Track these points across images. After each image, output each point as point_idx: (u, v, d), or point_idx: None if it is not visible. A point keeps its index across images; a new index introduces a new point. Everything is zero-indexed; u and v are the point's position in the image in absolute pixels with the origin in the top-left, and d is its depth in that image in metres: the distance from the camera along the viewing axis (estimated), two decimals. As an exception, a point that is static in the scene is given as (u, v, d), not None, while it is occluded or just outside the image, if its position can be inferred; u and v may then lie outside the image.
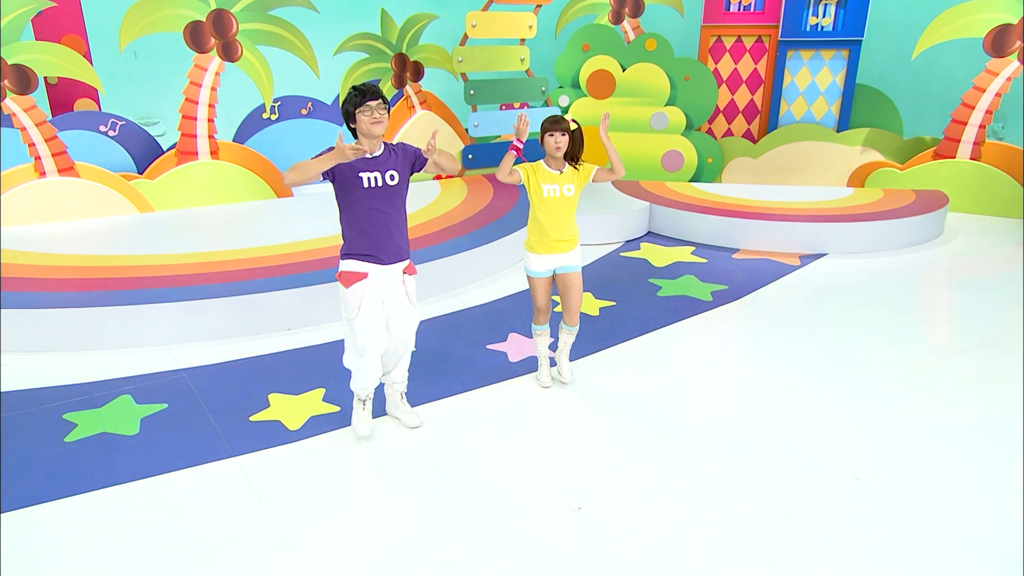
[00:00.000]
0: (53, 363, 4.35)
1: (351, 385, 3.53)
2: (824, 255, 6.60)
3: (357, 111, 3.14)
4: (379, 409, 3.80)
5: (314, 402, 3.92)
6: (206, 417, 3.76)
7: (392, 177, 3.25)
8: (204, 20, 7.27)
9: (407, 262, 3.43)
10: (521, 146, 3.74)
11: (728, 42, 9.03)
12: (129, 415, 3.76)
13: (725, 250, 6.74)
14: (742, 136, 9.21)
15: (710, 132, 9.24)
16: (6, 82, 6.40)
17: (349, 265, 3.30)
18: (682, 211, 7.08)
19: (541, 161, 3.85)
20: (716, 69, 9.10)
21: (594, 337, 4.81)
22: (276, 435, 3.62)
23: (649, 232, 7.32)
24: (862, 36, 8.46)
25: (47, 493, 3.12)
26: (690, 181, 8.85)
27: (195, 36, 7.29)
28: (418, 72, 8.82)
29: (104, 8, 7.80)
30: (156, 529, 2.91)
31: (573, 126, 3.78)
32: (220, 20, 7.35)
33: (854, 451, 3.46)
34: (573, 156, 3.85)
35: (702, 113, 8.86)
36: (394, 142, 3.38)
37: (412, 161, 3.34)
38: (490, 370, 4.34)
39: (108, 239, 6.17)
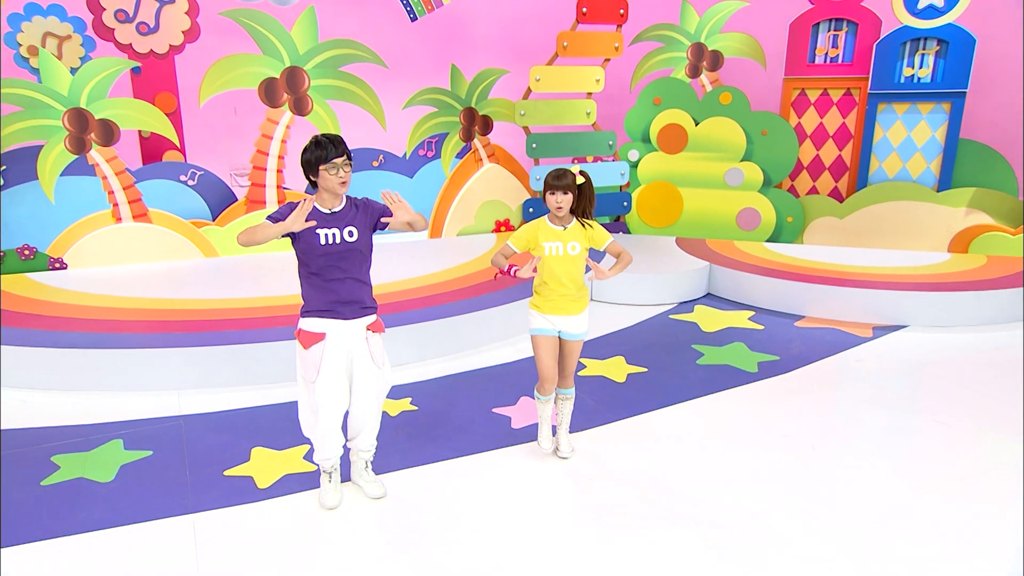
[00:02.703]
0: (64, 402, 4.47)
1: (314, 457, 3.35)
2: (904, 327, 5.87)
3: (322, 167, 3.04)
4: (346, 472, 3.59)
5: (294, 459, 3.77)
6: (183, 468, 3.69)
7: (351, 234, 3.09)
8: (278, 77, 7.62)
9: (373, 318, 3.24)
10: (511, 274, 3.53)
11: (813, 95, 8.48)
12: (112, 461, 3.75)
13: (788, 317, 6.14)
14: (828, 195, 8.55)
15: (792, 190, 8.64)
16: (93, 135, 6.91)
17: (308, 324, 3.14)
18: (742, 272, 6.55)
19: (545, 217, 3.60)
20: (799, 123, 8.55)
21: (613, 406, 4.42)
22: (243, 492, 3.48)
23: (708, 294, 6.83)
24: (966, 88, 7.70)
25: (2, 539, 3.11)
26: (767, 241, 8.27)
27: (269, 92, 7.64)
28: (487, 126, 8.84)
29: (197, 67, 8.36)
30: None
31: (580, 180, 3.50)
32: (293, 77, 7.68)
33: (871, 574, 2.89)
34: (583, 212, 3.57)
35: (781, 169, 8.30)
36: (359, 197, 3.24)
37: (375, 219, 3.18)
38: (488, 436, 4.05)
39: (165, 282, 6.42)
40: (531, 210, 8.56)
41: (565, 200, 3.46)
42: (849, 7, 8.10)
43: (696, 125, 8.41)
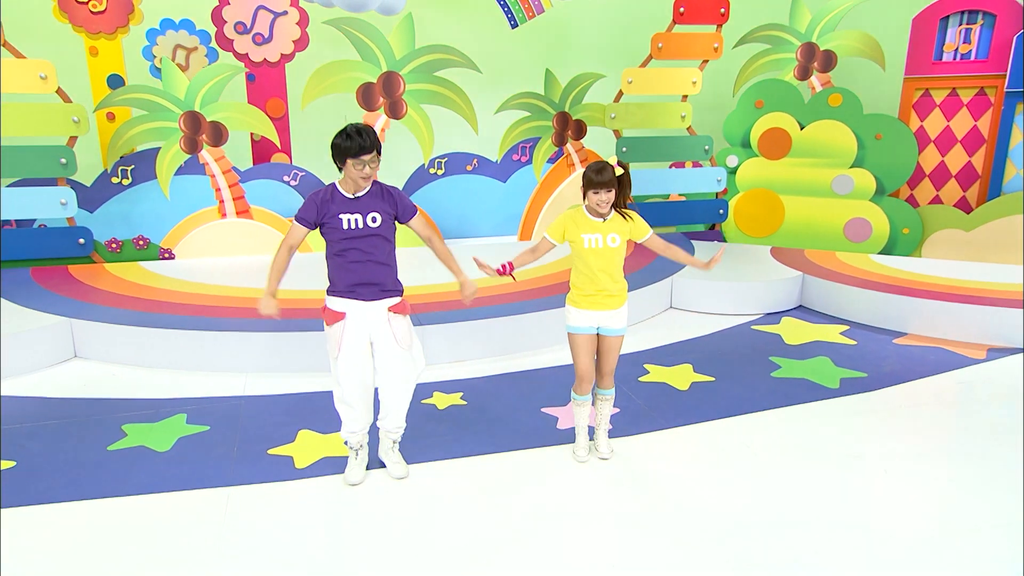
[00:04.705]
0: (146, 377, 4.79)
1: (341, 432, 3.41)
2: (1025, 350, 5.20)
3: (350, 159, 3.09)
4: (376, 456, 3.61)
5: (335, 443, 3.82)
6: (232, 444, 3.84)
7: (374, 219, 3.14)
8: (375, 81, 7.89)
9: (395, 300, 3.26)
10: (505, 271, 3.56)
11: (938, 96, 7.75)
12: (172, 433, 3.96)
13: (887, 333, 5.59)
14: (953, 205, 7.76)
15: (910, 199, 7.92)
16: (204, 136, 7.44)
17: (331, 303, 3.24)
18: (837, 283, 6.04)
19: (581, 206, 3.46)
20: (921, 127, 7.84)
21: (669, 412, 4.19)
22: (280, 471, 3.57)
23: (800, 306, 6.35)
24: (1125, 84, 6.78)
25: (61, 494, 3.34)
26: (879, 254, 7.61)
27: (366, 96, 7.93)
28: (580, 131, 8.74)
29: (304, 74, 8.82)
30: (102, 550, 2.96)
31: (619, 171, 3.35)
32: (389, 81, 7.93)
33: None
34: (622, 202, 3.43)
35: (897, 176, 7.63)
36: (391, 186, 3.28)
37: (396, 212, 3.23)
38: (529, 433, 3.94)
39: (257, 273, 6.77)
40: (620, 215, 8.33)
41: (609, 197, 3.34)
42: (984, -3, 7.36)
43: (801, 129, 7.91)
